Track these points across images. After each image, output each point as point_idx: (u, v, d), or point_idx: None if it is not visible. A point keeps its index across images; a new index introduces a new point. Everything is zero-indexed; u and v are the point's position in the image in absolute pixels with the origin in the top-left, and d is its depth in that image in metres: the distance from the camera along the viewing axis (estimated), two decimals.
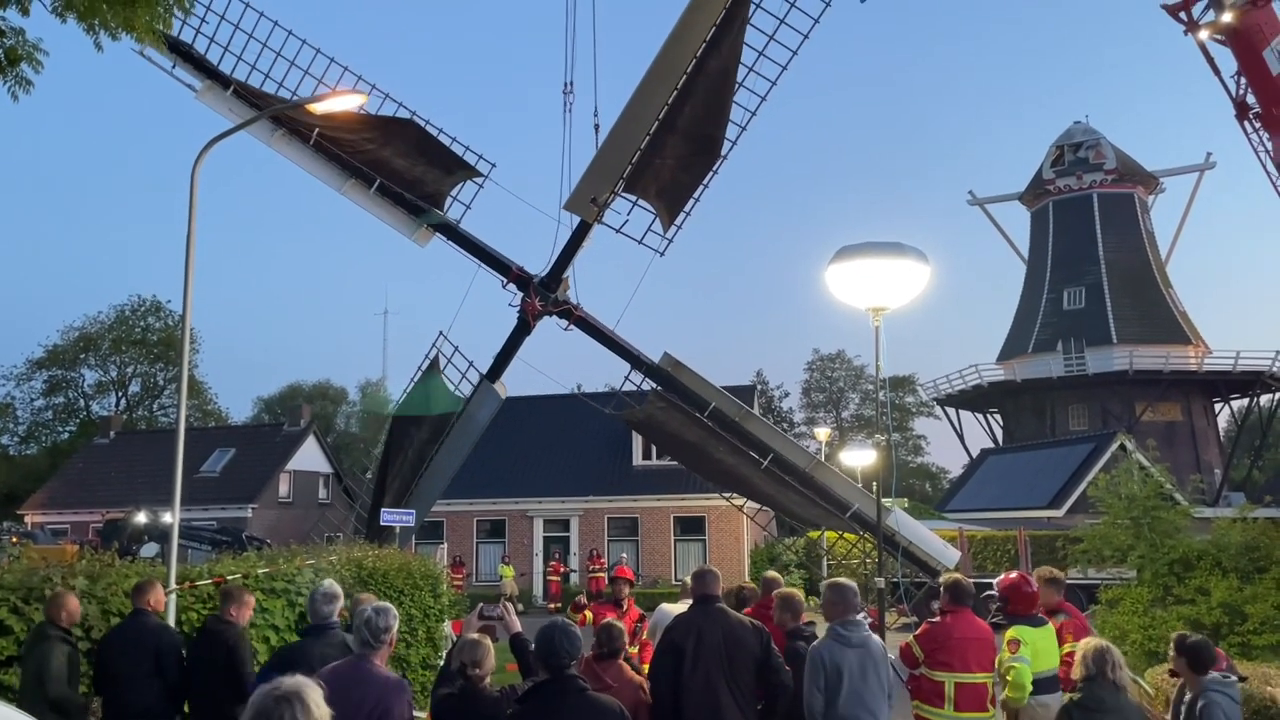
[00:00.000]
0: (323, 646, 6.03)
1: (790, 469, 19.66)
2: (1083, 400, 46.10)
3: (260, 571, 9.19)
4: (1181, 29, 28.40)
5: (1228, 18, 25.67)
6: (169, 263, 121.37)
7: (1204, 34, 27.14)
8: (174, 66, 18.43)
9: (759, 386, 63.39)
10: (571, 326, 19.23)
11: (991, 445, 50.29)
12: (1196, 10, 27.76)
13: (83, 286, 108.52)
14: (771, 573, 9.51)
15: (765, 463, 19.39)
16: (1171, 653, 5.26)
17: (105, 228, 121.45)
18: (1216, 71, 27.47)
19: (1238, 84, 26.76)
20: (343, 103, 12.27)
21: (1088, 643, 5.07)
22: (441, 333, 19.89)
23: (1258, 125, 26.78)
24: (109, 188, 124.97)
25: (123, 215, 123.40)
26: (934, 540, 20.60)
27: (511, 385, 20.24)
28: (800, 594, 7.56)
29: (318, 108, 14.30)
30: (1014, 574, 7.63)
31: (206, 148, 9.31)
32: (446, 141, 18.65)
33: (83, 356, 58.49)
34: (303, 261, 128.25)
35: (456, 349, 19.97)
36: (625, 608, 9.95)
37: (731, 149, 18.22)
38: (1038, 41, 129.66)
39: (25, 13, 6.39)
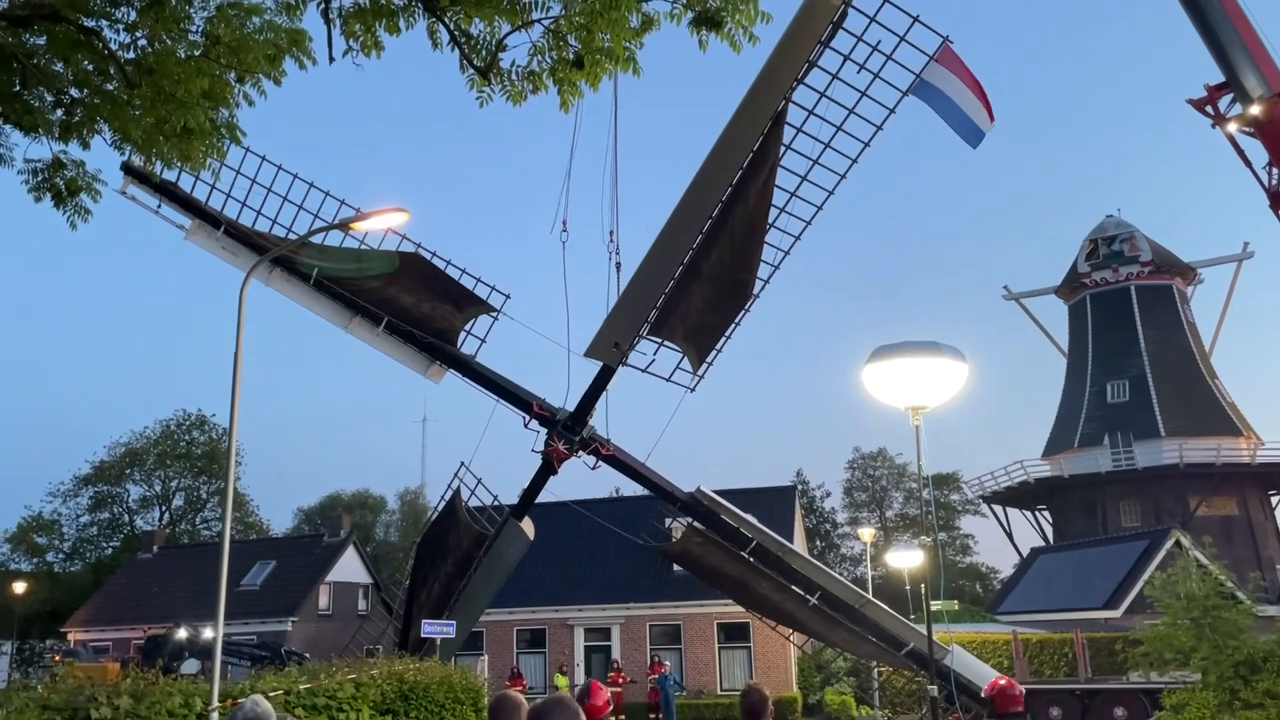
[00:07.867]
0: None
1: (839, 606, 18.97)
2: (1134, 495, 45.02)
3: (302, 687, 9.12)
4: (1209, 123, 28.63)
5: (1255, 110, 25.88)
6: (215, 373, 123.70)
7: (1232, 126, 27.33)
8: (160, 206, 17.58)
9: (799, 486, 62.71)
10: (600, 464, 18.43)
11: (1041, 544, 49.06)
12: (1223, 104, 28.00)
13: (132, 401, 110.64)
14: None
15: (813, 600, 18.77)
16: None
17: (154, 341, 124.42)
18: (1248, 163, 27.53)
19: (1270, 175, 26.76)
20: (385, 221, 12.43)
21: None
22: (463, 463, 19.23)
23: None
24: (152, 302, 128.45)
25: (170, 327, 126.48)
26: (991, 676, 19.88)
27: (545, 491, 19.46)
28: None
29: (361, 225, 14.37)
30: (1001, 679, 7.72)
31: (251, 270, 9.59)
32: (456, 274, 17.90)
33: (128, 471, 59.30)
34: (340, 369, 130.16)
35: (480, 481, 19.24)
36: None
37: (764, 288, 17.38)
38: (1067, 135, 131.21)
39: (86, 146, 6.72)
